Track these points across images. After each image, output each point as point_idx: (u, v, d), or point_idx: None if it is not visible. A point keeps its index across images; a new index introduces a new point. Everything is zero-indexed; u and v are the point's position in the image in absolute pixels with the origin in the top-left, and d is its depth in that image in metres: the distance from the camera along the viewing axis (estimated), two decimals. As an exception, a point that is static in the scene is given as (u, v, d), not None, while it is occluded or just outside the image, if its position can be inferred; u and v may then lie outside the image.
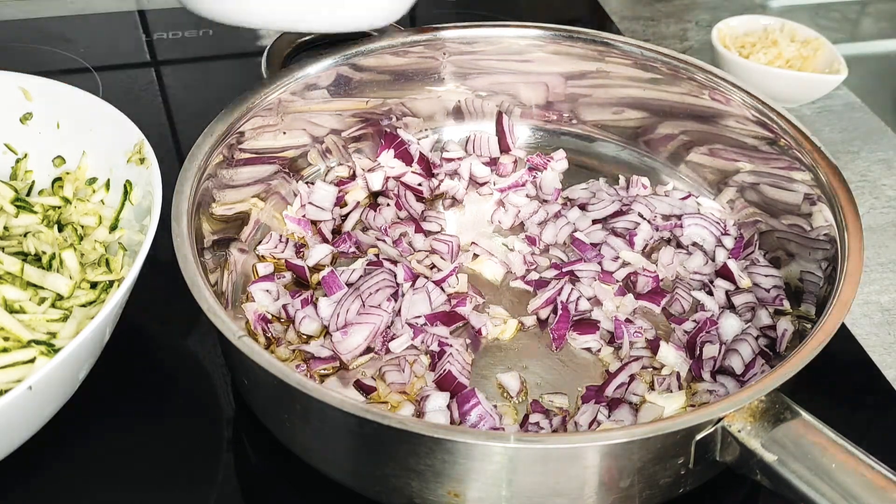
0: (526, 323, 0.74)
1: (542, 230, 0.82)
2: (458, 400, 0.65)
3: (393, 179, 0.86)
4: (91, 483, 0.65)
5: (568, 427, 0.65)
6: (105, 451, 0.67)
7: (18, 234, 0.74)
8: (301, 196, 0.83)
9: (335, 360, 0.69)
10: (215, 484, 0.66)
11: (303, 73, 0.81)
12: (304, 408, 0.57)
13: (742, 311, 0.73)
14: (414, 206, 0.84)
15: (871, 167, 1.00)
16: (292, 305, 0.72)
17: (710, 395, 0.66)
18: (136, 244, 0.73)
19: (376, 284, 0.72)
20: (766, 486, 0.53)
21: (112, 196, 0.77)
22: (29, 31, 1.16)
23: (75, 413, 0.64)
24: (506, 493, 0.56)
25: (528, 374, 0.70)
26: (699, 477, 0.59)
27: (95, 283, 0.70)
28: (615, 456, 0.54)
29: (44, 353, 0.62)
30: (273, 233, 0.80)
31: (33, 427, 0.62)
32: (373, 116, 0.88)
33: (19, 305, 0.66)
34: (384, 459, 0.57)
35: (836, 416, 0.54)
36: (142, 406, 0.71)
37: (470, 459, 0.54)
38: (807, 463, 0.51)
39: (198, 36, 1.15)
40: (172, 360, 0.75)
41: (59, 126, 0.80)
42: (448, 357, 0.68)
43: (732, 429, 0.53)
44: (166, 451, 0.67)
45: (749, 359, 0.68)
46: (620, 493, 0.57)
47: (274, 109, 0.79)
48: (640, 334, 0.71)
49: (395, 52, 0.85)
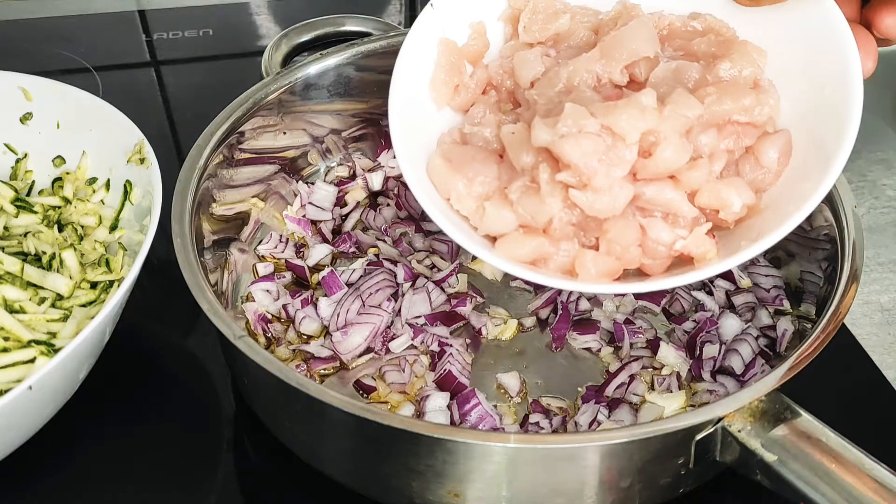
0: (526, 323, 0.73)
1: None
2: (458, 400, 0.65)
3: (393, 179, 0.86)
4: (91, 483, 0.65)
5: (568, 427, 0.65)
6: (105, 451, 0.67)
7: (18, 234, 0.74)
8: (301, 196, 0.83)
9: (335, 360, 0.69)
10: (215, 484, 0.66)
11: (303, 73, 0.81)
12: (304, 408, 0.57)
13: (742, 311, 0.73)
14: (414, 206, 0.84)
15: (871, 167, 1.00)
16: (292, 305, 0.72)
17: (710, 395, 0.66)
18: (136, 244, 0.73)
19: (376, 284, 0.72)
20: (766, 486, 0.53)
21: (112, 196, 0.77)
22: (29, 31, 1.16)
23: (75, 413, 0.64)
24: (506, 493, 0.56)
25: (528, 374, 0.69)
26: (699, 477, 0.59)
27: (95, 283, 0.70)
28: (615, 456, 0.54)
29: (44, 353, 0.62)
30: (273, 233, 0.80)
31: (33, 427, 0.62)
32: (373, 116, 0.88)
33: (19, 305, 0.66)
34: (384, 460, 0.57)
35: (837, 417, 0.54)
36: (142, 406, 0.71)
37: (470, 460, 0.54)
38: (807, 463, 0.51)
39: (198, 36, 1.15)
40: (172, 360, 0.75)
41: (59, 126, 0.80)
42: (448, 357, 0.68)
43: (732, 429, 0.53)
44: (166, 450, 0.67)
45: (749, 359, 0.68)
46: (620, 494, 0.57)
47: (274, 109, 0.79)
48: (640, 334, 0.71)
49: (395, 53, 0.85)
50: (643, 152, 0.51)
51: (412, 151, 0.58)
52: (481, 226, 0.55)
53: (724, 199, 0.52)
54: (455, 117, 0.62)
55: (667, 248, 0.53)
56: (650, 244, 0.53)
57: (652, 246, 0.53)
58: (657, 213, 0.53)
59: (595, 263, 0.53)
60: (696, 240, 0.52)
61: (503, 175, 0.56)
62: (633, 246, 0.53)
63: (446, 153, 0.58)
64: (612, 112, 0.50)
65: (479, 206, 0.55)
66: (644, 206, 0.53)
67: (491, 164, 0.56)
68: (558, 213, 0.52)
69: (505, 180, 0.55)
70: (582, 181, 0.51)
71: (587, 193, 0.51)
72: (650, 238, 0.53)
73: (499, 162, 0.57)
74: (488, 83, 0.62)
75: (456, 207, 0.56)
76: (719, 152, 0.54)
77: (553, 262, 0.54)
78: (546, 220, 0.53)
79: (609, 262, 0.53)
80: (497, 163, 0.56)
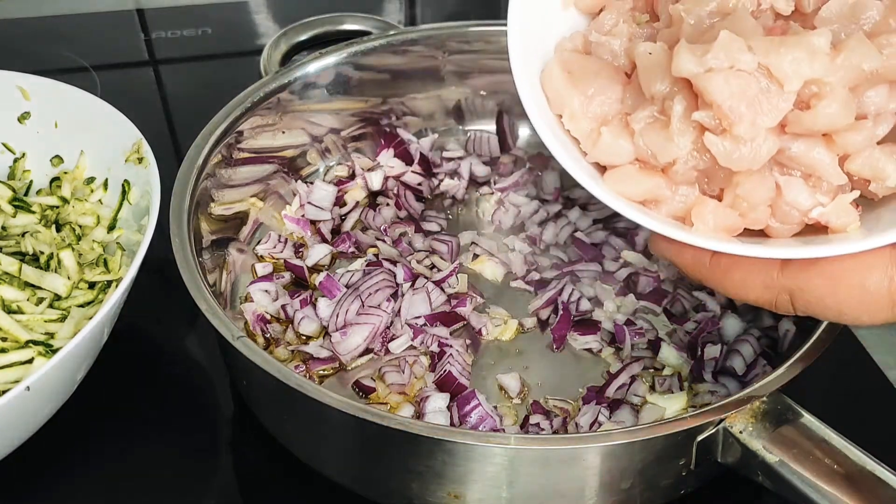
0: (526, 323, 0.73)
1: (543, 230, 0.81)
2: (458, 401, 0.64)
3: (393, 179, 0.86)
4: (89, 484, 0.65)
5: (569, 428, 0.65)
6: (103, 451, 0.67)
7: (16, 233, 0.74)
8: (300, 196, 0.83)
9: (334, 361, 0.69)
10: (214, 485, 0.66)
11: (302, 72, 0.81)
12: (303, 409, 0.57)
13: (743, 312, 0.73)
14: (414, 206, 0.84)
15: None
16: (291, 306, 0.72)
17: (711, 395, 0.66)
18: (135, 244, 0.73)
19: (376, 285, 0.72)
20: (767, 487, 0.52)
21: (110, 196, 0.77)
22: (27, 30, 1.16)
23: (73, 414, 0.64)
24: (506, 494, 0.55)
25: (528, 375, 0.69)
26: (700, 478, 0.59)
27: (93, 283, 0.70)
28: (616, 457, 0.54)
29: (42, 354, 0.62)
30: (272, 233, 0.80)
31: (31, 428, 0.61)
32: (372, 116, 0.88)
33: (17, 305, 0.66)
34: (384, 461, 0.57)
35: (838, 417, 0.54)
36: (140, 406, 0.70)
37: (470, 461, 0.54)
38: (808, 464, 0.51)
39: (197, 35, 1.15)
40: (171, 360, 0.75)
41: (57, 125, 0.80)
42: (448, 358, 0.68)
43: (734, 430, 0.53)
44: (165, 451, 0.67)
45: (751, 359, 0.68)
46: (621, 495, 0.57)
47: (273, 108, 0.79)
48: (641, 335, 0.71)
49: (394, 52, 0.85)
50: (800, 103, 0.44)
51: (527, 54, 0.51)
52: (592, 152, 0.49)
53: (880, 168, 0.45)
54: (581, 21, 0.54)
55: (802, 213, 0.46)
56: (783, 206, 0.47)
57: (785, 209, 0.47)
58: (796, 173, 0.46)
59: (715, 215, 0.47)
60: (838, 209, 0.46)
61: (628, 99, 0.49)
62: (763, 206, 0.47)
63: (567, 62, 0.50)
64: (776, 50, 0.43)
65: (595, 129, 0.49)
66: (784, 163, 0.46)
67: (616, 84, 0.49)
68: (685, 156, 0.46)
69: (629, 105, 0.49)
70: (722, 125, 0.44)
71: (725, 140, 0.44)
72: (785, 200, 0.46)
73: (625, 82, 0.50)
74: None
75: (567, 126, 0.50)
76: (887, 114, 0.46)
77: (666, 207, 0.48)
78: (669, 159, 0.46)
79: (731, 216, 0.47)
80: (623, 83, 0.50)
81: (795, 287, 0.46)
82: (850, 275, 0.45)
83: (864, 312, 0.45)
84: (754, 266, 0.47)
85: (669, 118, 0.46)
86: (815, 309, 0.47)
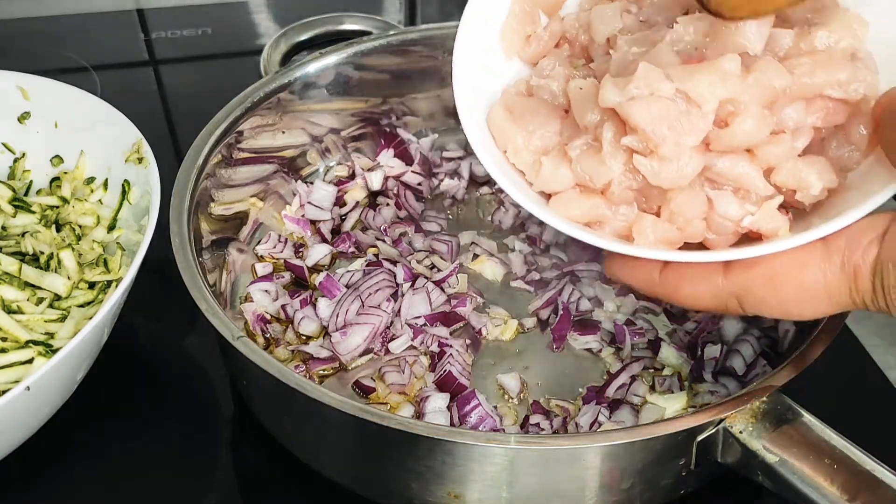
0: (526, 323, 0.73)
1: (543, 230, 0.81)
2: (458, 401, 0.64)
3: (393, 179, 0.86)
4: (89, 484, 0.65)
5: (569, 428, 0.65)
6: (103, 451, 0.67)
7: (16, 233, 0.74)
8: (300, 195, 0.83)
9: (334, 361, 0.69)
10: (214, 485, 0.65)
11: (302, 72, 0.80)
12: (303, 409, 0.57)
13: (743, 312, 0.73)
14: (414, 206, 0.84)
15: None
16: (291, 306, 0.72)
17: (711, 395, 0.66)
18: (135, 244, 0.73)
19: (376, 285, 0.72)
20: (767, 487, 0.52)
21: (110, 196, 0.77)
22: (27, 30, 1.16)
23: (73, 414, 0.64)
24: (506, 494, 0.55)
25: (528, 375, 0.69)
26: (700, 478, 0.59)
27: (93, 283, 0.70)
28: (616, 457, 0.54)
29: (42, 354, 0.62)
30: (272, 233, 0.80)
31: (31, 428, 0.61)
32: (372, 116, 0.88)
33: (17, 305, 0.66)
34: (384, 461, 0.57)
35: (838, 417, 0.54)
36: (140, 406, 0.70)
37: (470, 461, 0.54)
38: (808, 464, 0.51)
39: (197, 35, 1.15)
40: (171, 360, 0.75)
41: (57, 125, 0.80)
42: (448, 358, 0.68)
43: (734, 430, 0.53)
44: (165, 451, 0.67)
45: (750, 359, 0.68)
46: (621, 495, 0.57)
47: (273, 108, 0.79)
48: (641, 335, 0.71)
49: (394, 52, 0.85)
50: (719, 122, 0.48)
51: (473, 99, 0.55)
52: (537, 181, 0.53)
53: (802, 179, 0.48)
54: (523, 70, 0.59)
55: (734, 223, 0.50)
56: (717, 218, 0.50)
57: (718, 220, 0.50)
58: (727, 187, 0.50)
59: (654, 229, 0.50)
60: (766, 214, 0.48)
61: (565, 132, 0.53)
62: (697, 219, 0.50)
63: (509, 104, 0.55)
64: (691, 76, 0.46)
65: (537, 160, 0.53)
66: (714, 179, 0.49)
67: (554, 119, 0.53)
68: (618, 177, 0.49)
69: (566, 137, 0.53)
70: (648, 147, 0.48)
71: (652, 161, 0.48)
72: (717, 212, 0.49)
73: (563, 118, 0.54)
74: (562, 37, 0.58)
75: (512, 160, 0.54)
76: (805, 128, 0.49)
77: (609, 226, 0.51)
78: (604, 181, 0.50)
79: (670, 230, 0.50)
80: (561, 118, 0.54)
81: (740, 290, 0.49)
82: (787, 273, 0.48)
83: (805, 307, 0.48)
84: (699, 276, 0.51)
85: (601, 143, 0.50)
86: (761, 308, 0.50)
